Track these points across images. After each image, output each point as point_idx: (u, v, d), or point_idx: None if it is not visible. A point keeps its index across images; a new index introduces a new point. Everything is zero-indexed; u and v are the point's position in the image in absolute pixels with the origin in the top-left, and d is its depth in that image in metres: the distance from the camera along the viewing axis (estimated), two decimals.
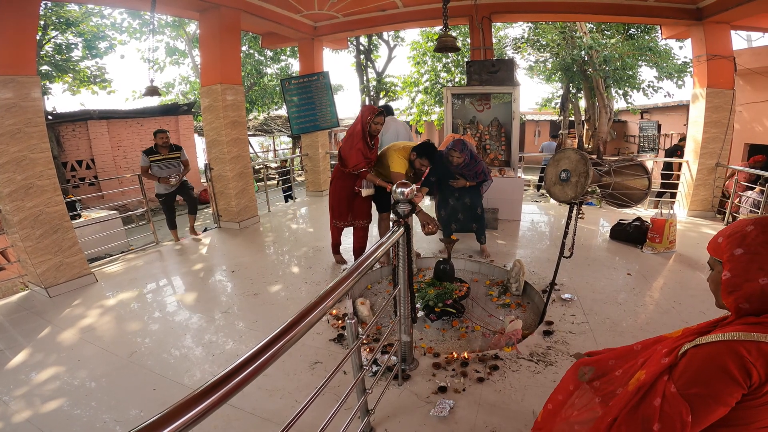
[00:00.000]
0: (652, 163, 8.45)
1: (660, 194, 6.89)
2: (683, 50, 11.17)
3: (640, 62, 10.62)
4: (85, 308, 3.26)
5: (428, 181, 3.86)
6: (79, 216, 6.83)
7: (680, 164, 5.98)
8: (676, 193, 6.09)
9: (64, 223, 3.58)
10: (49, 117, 9.81)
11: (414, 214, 2.02)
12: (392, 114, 5.04)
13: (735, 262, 0.94)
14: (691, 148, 5.69)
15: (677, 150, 6.77)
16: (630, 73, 10.51)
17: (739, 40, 13.22)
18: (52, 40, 9.90)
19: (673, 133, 13.10)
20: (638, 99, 12.58)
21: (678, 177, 6.14)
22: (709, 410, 0.88)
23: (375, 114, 3.42)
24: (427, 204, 5.38)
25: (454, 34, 4.25)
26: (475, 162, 3.76)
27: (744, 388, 0.85)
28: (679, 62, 10.67)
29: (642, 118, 15.08)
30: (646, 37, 10.57)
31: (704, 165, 5.48)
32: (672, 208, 4.82)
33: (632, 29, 10.77)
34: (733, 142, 5.69)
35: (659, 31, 6.61)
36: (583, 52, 10.34)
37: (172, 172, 4.73)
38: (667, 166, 7.11)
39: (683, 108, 11.78)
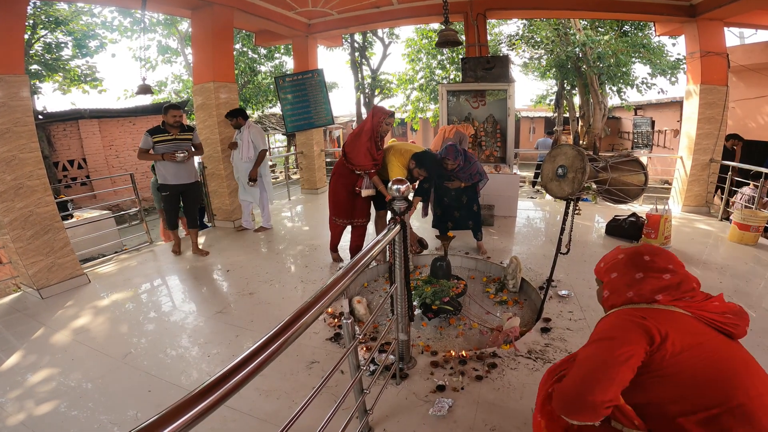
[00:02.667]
0: (647, 159, 8.50)
1: None
2: (676, 47, 11.22)
3: (634, 59, 10.68)
4: (78, 309, 3.22)
5: (422, 187, 3.82)
6: (71, 216, 6.76)
7: None
8: None
9: (56, 223, 3.53)
10: (39, 116, 9.70)
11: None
12: (246, 118, 4.72)
13: (611, 284, 1.30)
14: (685, 144, 5.72)
15: None
16: (624, 69, 10.57)
17: (732, 37, 13.35)
18: (42, 39, 9.78)
19: (666, 129, 13.19)
20: (632, 96, 12.69)
21: None
22: (615, 354, 1.07)
23: (387, 115, 3.39)
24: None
25: (453, 29, 4.24)
26: (469, 164, 3.74)
27: (647, 343, 1.07)
28: (673, 59, 10.74)
29: (636, 114, 15.17)
30: (640, 34, 10.62)
31: (698, 161, 5.51)
32: (667, 203, 4.84)
33: (626, 26, 10.81)
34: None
35: (653, 28, 6.64)
36: (577, 49, 10.37)
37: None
38: None
39: (677, 104, 11.86)
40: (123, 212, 6.06)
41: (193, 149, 4.14)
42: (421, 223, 4.99)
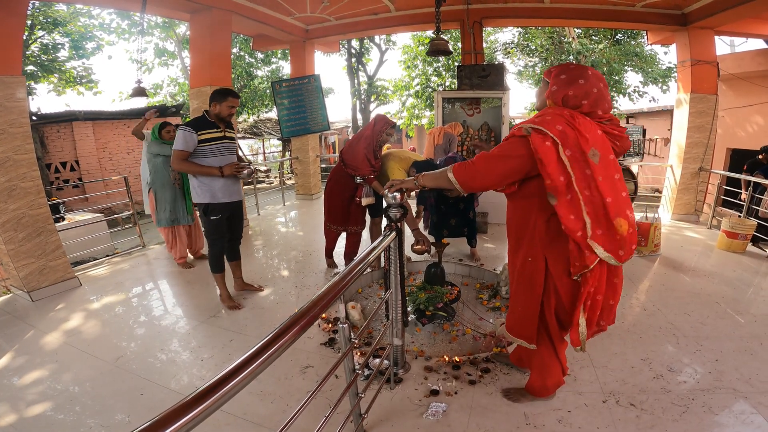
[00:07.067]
0: (638, 167, 8.60)
1: None
2: (668, 55, 11.42)
3: (627, 67, 10.84)
4: (69, 312, 3.19)
5: (423, 195, 3.80)
6: (63, 219, 6.70)
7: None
8: None
9: (48, 226, 3.51)
10: (33, 118, 9.62)
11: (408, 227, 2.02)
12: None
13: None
14: (675, 152, 5.81)
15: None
16: (616, 78, 10.73)
17: (722, 45, 13.60)
18: (39, 40, 9.75)
19: (657, 137, 13.36)
20: (624, 104, 12.83)
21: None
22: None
23: (389, 126, 3.39)
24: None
25: (445, 38, 4.27)
26: None
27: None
28: (664, 67, 10.93)
29: (627, 122, 15.35)
30: (633, 43, 10.80)
31: (688, 169, 5.59)
32: (656, 212, 4.90)
33: (619, 35, 10.99)
34: (715, 146, 5.82)
35: (645, 37, 6.76)
36: (571, 57, 10.51)
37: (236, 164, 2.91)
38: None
39: (667, 113, 12.02)
40: (115, 215, 6.02)
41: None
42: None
